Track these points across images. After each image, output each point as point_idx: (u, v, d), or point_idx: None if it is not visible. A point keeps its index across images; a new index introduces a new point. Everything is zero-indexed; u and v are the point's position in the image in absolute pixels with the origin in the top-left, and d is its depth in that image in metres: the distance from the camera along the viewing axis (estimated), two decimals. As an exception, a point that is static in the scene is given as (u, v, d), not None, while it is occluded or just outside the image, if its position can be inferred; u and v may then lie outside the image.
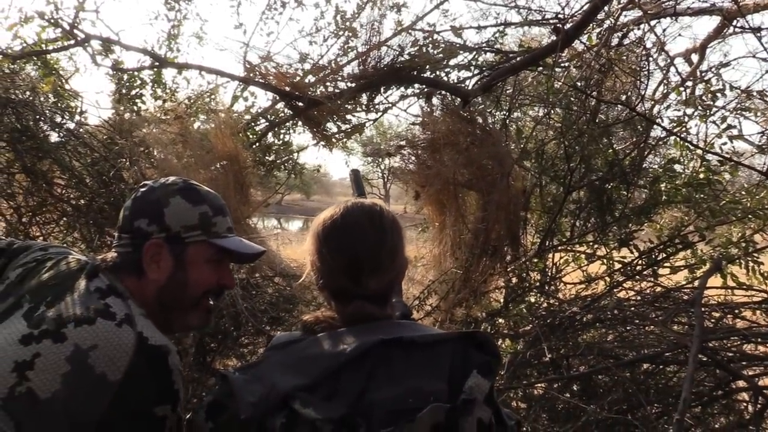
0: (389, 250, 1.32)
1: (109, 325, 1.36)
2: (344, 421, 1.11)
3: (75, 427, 1.29)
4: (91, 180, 3.80)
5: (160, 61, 4.01)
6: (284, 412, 1.15)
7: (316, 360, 1.21)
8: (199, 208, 1.53)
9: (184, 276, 1.49)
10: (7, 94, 3.36)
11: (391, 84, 3.88)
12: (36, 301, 1.44)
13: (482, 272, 3.74)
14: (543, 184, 4.12)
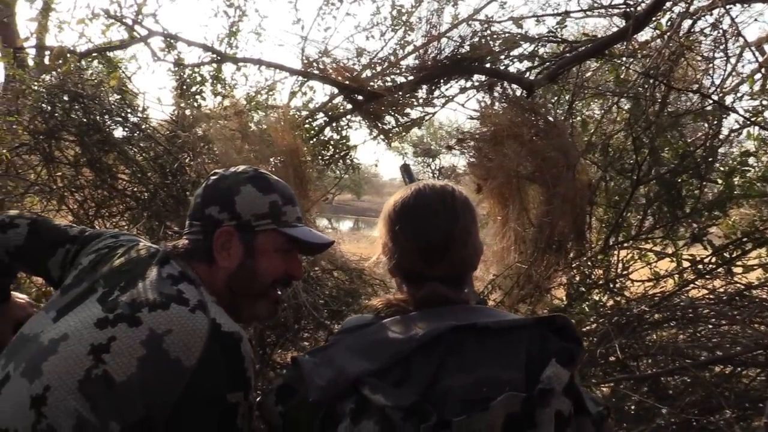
0: (462, 231, 1.28)
1: (183, 310, 1.36)
2: (415, 409, 1.07)
3: (149, 411, 1.28)
4: (153, 174, 3.86)
5: (220, 56, 4.05)
6: (353, 398, 1.11)
7: (387, 344, 1.17)
8: (269, 197, 1.52)
9: (253, 264, 1.48)
10: (76, 89, 3.44)
11: (452, 75, 3.81)
12: (110, 286, 1.45)
13: (546, 268, 3.63)
14: (609, 177, 3.98)
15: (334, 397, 1.13)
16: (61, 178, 3.69)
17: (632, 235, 4.01)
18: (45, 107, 3.44)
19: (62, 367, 1.31)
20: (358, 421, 1.10)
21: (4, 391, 1.34)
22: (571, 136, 3.62)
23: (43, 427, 1.27)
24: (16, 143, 3.75)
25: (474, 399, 1.06)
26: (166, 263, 1.48)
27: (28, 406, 1.29)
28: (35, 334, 1.42)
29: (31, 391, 1.30)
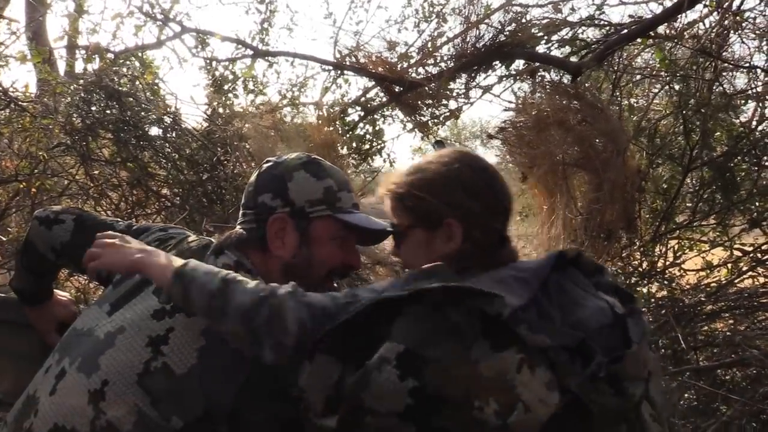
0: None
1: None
2: (581, 348, 1.04)
3: (211, 404, 1.23)
4: (189, 171, 3.81)
5: (254, 50, 4.00)
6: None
7: (519, 282, 1.11)
8: (323, 183, 1.45)
9: (308, 253, 1.42)
10: (113, 84, 3.41)
11: (493, 62, 3.71)
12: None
13: (596, 257, 3.49)
14: (658, 163, 3.84)
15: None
16: (99, 176, 3.66)
17: (683, 223, 3.88)
18: (81, 105, 3.41)
19: (120, 360, 1.28)
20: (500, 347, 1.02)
21: (60, 387, 1.30)
22: (619, 120, 3.49)
23: (102, 424, 1.22)
24: (53, 143, 3.74)
25: (608, 324, 1.10)
26: (220, 253, 1.44)
27: (86, 402, 1.25)
28: (89, 328, 1.39)
29: (89, 385, 1.26)
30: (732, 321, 3.60)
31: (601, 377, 1.02)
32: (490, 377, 1.00)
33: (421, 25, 4.48)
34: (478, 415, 0.99)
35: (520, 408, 0.99)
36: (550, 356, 1.02)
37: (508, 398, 0.99)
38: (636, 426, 1.09)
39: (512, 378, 1.00)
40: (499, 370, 1.00)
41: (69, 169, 4.00)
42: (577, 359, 1.03)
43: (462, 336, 1.02)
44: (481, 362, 1.01)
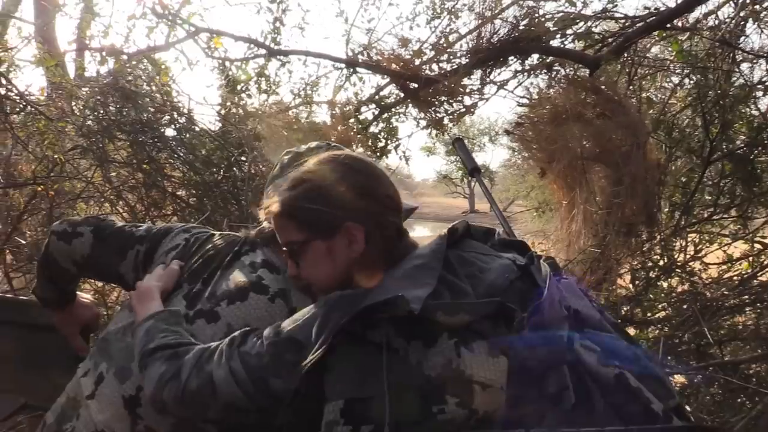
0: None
1: (261, 299, 1.32)
2: (501, 311, 1.07)
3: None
4: (205, 172, 3.80)
5: (267, 49, 3.98)
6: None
7: (423, 270, 1.12)
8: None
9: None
10: (129, 85, 3.41)
11: (510, 56, 3.68)
12: (192, 282, 1.40)
13: (616, 252, 3.46)
14: (677, 156, 3.80)
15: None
16: (115, 177, 3.65)
17: (704, 216, 3.83)
18: (97, 107, 3.41)
19: None
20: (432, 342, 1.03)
21: (98, 393, 1.31)
22: (638, 113, 3.45)
23: (141, 429, 1.24)
24: (69, 145, 3.74)
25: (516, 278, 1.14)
26: (248, 251, 1.44)
27: (123, 407, 1.26)
28: (122, 334, 1.39)
29: (123, 391, 1.27)
30: (755, 315, 3.57)
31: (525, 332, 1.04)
32: (438, 375, 1.00)
33: (433, 21, 4.45)
34: (442, 417, 0.98)
35: (477, 389, 1.00)
36: (475, 329, 1.03)
37: (462, 386, 1.00)
38: (578, 368, 1.07)
39: (457, 364, 1.00)
40: (442, 363, 1.01)
41: (85, 171, 4.01)
42: (500, 322, 1.05)
43: (390, 350, 1.01)
44: (423, 364, 1.00)
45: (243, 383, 1.08)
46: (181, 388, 1.11)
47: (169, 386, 1.12)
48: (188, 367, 1.13)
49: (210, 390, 1.10)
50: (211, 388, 1.10)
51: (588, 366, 1.06)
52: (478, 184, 2.10)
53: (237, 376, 1.09)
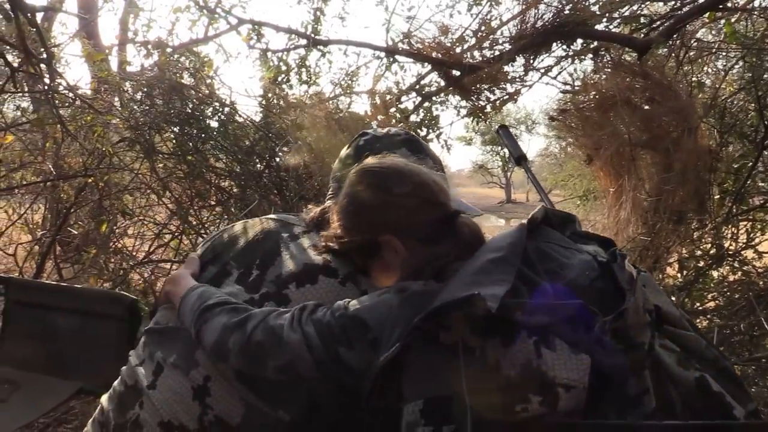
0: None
1: (332, 282, 1.28)
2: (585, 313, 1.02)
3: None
4: (249, 162, 3.84)
5: (308, 39, 3.99)
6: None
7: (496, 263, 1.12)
8: (424, 162, 1.41)
9: None
10: (175, 78, 3.45)
11: (554, 41, 3.61)
12: (245, 266, 1.36)
13: (666, 240, 3.38)
14: (728, 141, 3.68)
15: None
16: (163, 169, 3.71)
17: (757, 204, 3.72)
18: (144, 99, 3.46)
19: None
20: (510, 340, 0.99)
21: (159, 383, 1.29)
22: (689, 97, 3.36)
23: (210, 419, 1.21)
24: (115, 138, 3.81)
25: (597, 276, 1.10)
26: (305, 233, 1.40)
27: (191, 398, 1.23)
28: (175, 324, 1.36)
29: (191, 382, 1.25)
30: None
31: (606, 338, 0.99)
32: (517, 374, 0.96)
33: (474, 8, 4.40)
34: (525, 415, 0.95)
35: (561, 392, 0.95)
36: (553, 330, 0.99)
37: (545, 385, 0.96)
38: (659, 372, 1.04)
39: (538, 365, 0.96)
40: (522, 363, 0.97)
41: (131, 164, 4.08)
42: (581, 326, 1.00)
43: (467, 352, 0.99)
44: (502, 364, 0.97)
45: (315, 349, 1.10)
46: (246, 337, 1.13)
47: (235, 334, 1.14)
48: (255, 320, 1.15)
49: (275, 344, 1.11)
50: (276, 343, 1.11)
51: (668, 368, 1.04)
52: (525, 172, 2.06)
53: (310, 341, 1.10)
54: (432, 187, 1.26)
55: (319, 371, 1.10)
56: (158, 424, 1.24)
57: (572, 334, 0.99)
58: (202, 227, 4.19)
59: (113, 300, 2.48)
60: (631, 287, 1.04)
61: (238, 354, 1.14)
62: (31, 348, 2.53)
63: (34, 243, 4.73)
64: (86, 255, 4.22)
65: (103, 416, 1.37)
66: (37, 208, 5.03)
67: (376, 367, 1.02)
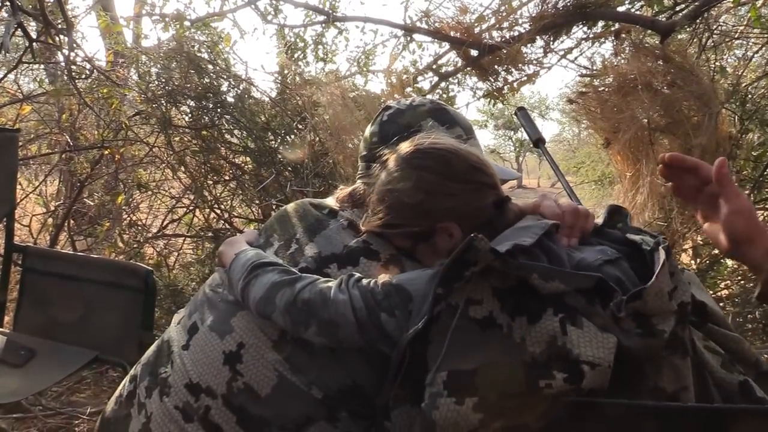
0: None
1: (374, 265, 1.26)
2: (600, 287, 1.02)
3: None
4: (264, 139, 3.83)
5: (326, 15, 3.96)
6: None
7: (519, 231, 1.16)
8: (454, 131, 1.40)
9: None
10: (193, 51, 3.44)
11: (576, 22, 3.56)
12: (284, 239, 1.36)
13: (682, 226, 3.36)
14: (749, 128, 3.64)
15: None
16: (179, 143, 3.71)
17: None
18: (162, 72, 3.46)
19: (254, 324, 1.25)
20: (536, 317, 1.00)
21: (193, 343, 1.30)
22: (711, 82, 3.31)
23: (239, 385, 1.21)
24: (130, 112, 3.81)
25: (608, 260, 1.10)
26: (341, 212, 1.38)
27: (222, 362, 1.23)
28: (217, 284, 1.38)
29: (224, 347, 1.25)
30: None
31: (623, 316, 0.98)
32: (542, 351, 0.97)
33: (494, -13, 4.33)
34: (549, 392, 0.95)
35: (586, 369, 0.95)
36: (568, 301, 0.99)
37: (569, 363, 0.96)
38: (702, 372, 1.05)
39: (563, 342, 0.96)
40: (547, 339, 0.97)
41: (147, 137, 4.09)
42: (596, 300, 1.00)
43: (494, 327, 1.00)
44: (527, 341, 0.97)
45: (359, 310, 1.11)
46: (294, 295, 1.15)
47: (283, 291, 1.17)
48: (305, 281, 1.18)
49: (321, 302, 1.13)
50: (322, 301, 1.13)
51: (712, 369, 1.04)
52: (543, 155, 2.04)
53: (354, 302, 1.12)
54: (489, 171, 1.26)
55: (360, 334, 1.12)
56: (185, 385, 1.25)
57: (587, 307, 1.00)
58: (216, 202, 4.20)
59: (129, 271, 2.50)
60: (659, 273, 1.02)
61: (284, 310, 1.16)
62: (47, 316, 2.57)
63: (48, 215, 4.76)
64: (100, 228, 4.25)
65: (135, 370, 1.40)
66: (52, 180, 5.07)
67: (405, 338, 1.03)
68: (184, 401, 1.24)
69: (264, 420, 1.19)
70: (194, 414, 1.22)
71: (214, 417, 1.21)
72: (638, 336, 0.99)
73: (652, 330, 0.99)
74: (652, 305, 0.99)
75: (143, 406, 1.29)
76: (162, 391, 1.27)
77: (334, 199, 1.43)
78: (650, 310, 0.99)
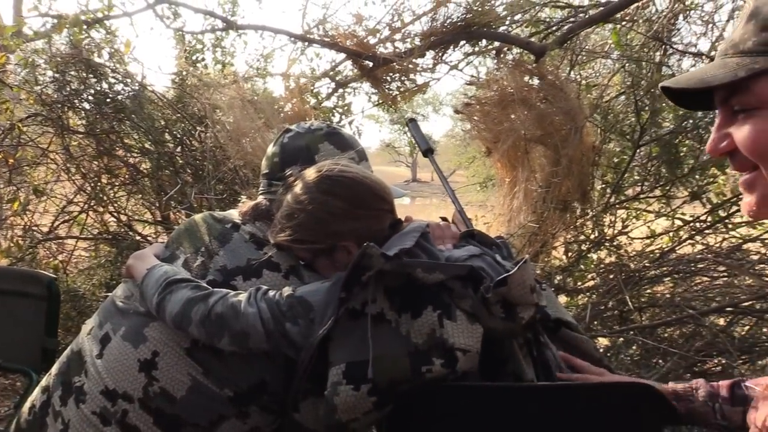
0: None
1: (276, 276, 1.40)
2: (472, 275, 1.27)
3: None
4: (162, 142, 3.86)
5: (226, 22, 4.04)
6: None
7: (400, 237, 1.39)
8: (347, 154, 1.56)
9: None
10: (91, 55, 3.43)
11: (461, 41, 3.87)
12: (191, 252, 1.47)
13: (552, 227, 3.77)
14: (610, 138, 4.12)
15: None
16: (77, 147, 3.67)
17: (632, 195, 4.18)
18: (58, 76, 3.42)
19: (167, 334, 1.36)
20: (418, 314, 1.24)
21: (106, 352, 1.39)
22: (578, 98, 3.73)
23: (155, 390, 1.33)
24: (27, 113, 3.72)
25: (475, 254, 1.35)
26: (242, 226, 1.50)
27: (137, 369, 1.34)
28: (127, 296, 1.46)
29: (139, 355, 1.35)
30: (672, 284, 3.96)
31: (492, 300, 1.23)
32: (424, 341, 1.21)
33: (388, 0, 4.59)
34: (430, 376, 1.20)
35: (459, 355, 1.21)
36: (447, 285, 1.24)
37: (445, 351, 1.21)
38: (542, 353, 1.35)
39: (440, 333, 1.21)
40: (427, 332, 1.22)
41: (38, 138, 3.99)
42: (469, 285, 1.25)
43: (384, 322, 1.23)
44: (411, 334, 1.22)
45: (267, 322, 1.27)
46: (208, 309, 1.29)
47: (198, 306, 1.30)
48: (217, 296, 1.31)
49: (233, 315, 1.28)
50: (234, 314, 1.28)
51: (563, 371, 1.34)
52: (431, 165, 2.28)
53: (263, 314, 1.27)
54: (388, 199, 1.45)
55: (268, 341, 1.28)
56: (101, 392, 1.35)
57: (462, 290, 1.24)
58: (111, 204, 4.16)
59: (31, 279, 2.51)
60: (519, 267, 1.27)
61: (199, 324, 1.29)
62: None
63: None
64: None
65: (47, 381, 1.47)
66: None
67: (315, 339, 1.23)
68: (101, 407, 1.34)
69: (179, 419, 1.32)
70: (111, 418, 1.33)
71: (131, 419, 1.32)
72: (501, 319, 1.25)
73: (514, 316, 1.26)
74: (515, 293, 1.24)
75: (59, 414, 1.38)
76: (78, 398, 1.36)
77: (237, 212, 1.55)
78: (514, 298, 1.24)
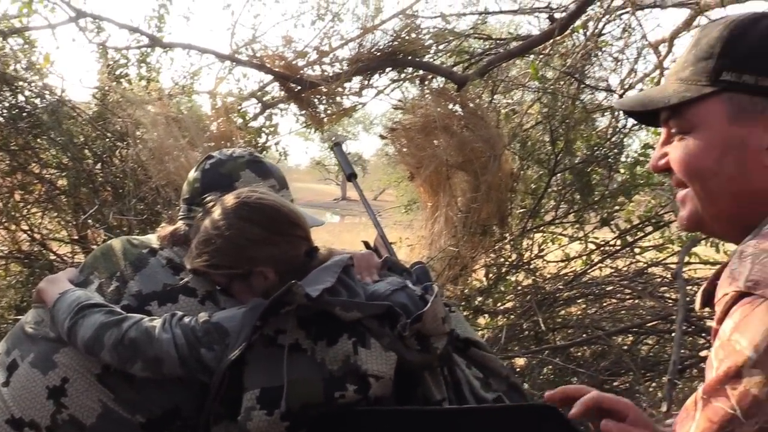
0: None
1: (192, 302, 1.41)
2: (389, 313, 1.32)
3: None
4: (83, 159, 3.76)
5: (152, 39, 4.00)
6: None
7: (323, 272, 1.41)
8: (268, 182, 1.59)
9: None
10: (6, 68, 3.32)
11: (387, 67, 3.98)
12: (105, 277, 1.45)
13: (472, 250, 3.90)
14: (528, 166, 4.31)
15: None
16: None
17: (547, 220, 4.38)
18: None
19: (77, 360, 1.34)
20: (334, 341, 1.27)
21: (13, 380, 1.36)
22: (497, 127, 3.90)
23: (64, 417, 1.30)
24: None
25: (397, 288, 1.39)
26: (160, 251, 1.49)
27: (45, 397, 1.31)
28: (37, 322, 1.43)
29: (47, 382, 1.32)
30: (584, 306, 4.17)
31: (408, 336, 1.29)
32: (339, 368, 1.25)
33: (317, 23, 4.65)
34: (343, 401, 1.24)
35: (372, 381, 1.26)
36: (365, 324, 1.29)
37: (359, 377, 1.25)
38: (453, 372, 1.41)
39: (354, 360, 1.26)
40: (342, 358, 1.26)
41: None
42: (386, 323, 1.31)
43: (299, 351, 1.27)
44: (326, 360, 1.26)
45: (181, 347, 1.27)
46: (121, 334, 1.27)
47: (111, 331, 1.28)
48: (131, 321, 1.30)
49: (147, 340, 1.27)
50: (148, 339, 1.27)
51: (474, 389, 1.39)
52: (355, 189, 2.33)
53: (177, 340, 1.27)
54: (304, 226, 1.48)
55: (182, 367, 1.28)
56: (6, 421, 1.31)
57: (379, 328, 1.29)
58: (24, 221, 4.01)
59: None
60: (433, 301, 1.34)
61: (112, 349, 1.27)
62: None
63: None
64: None
65: None
66: None
67: (225, 363, 1.25)
68: None
69: None
70: None
71: None
72: (417, 351, 1.31)
73: (429, 347, 1.32)
74: (429, 327, 1.31)
75: None
76: None
77: (156, 237, 1.55)
78: (428, 331, 1.31)
